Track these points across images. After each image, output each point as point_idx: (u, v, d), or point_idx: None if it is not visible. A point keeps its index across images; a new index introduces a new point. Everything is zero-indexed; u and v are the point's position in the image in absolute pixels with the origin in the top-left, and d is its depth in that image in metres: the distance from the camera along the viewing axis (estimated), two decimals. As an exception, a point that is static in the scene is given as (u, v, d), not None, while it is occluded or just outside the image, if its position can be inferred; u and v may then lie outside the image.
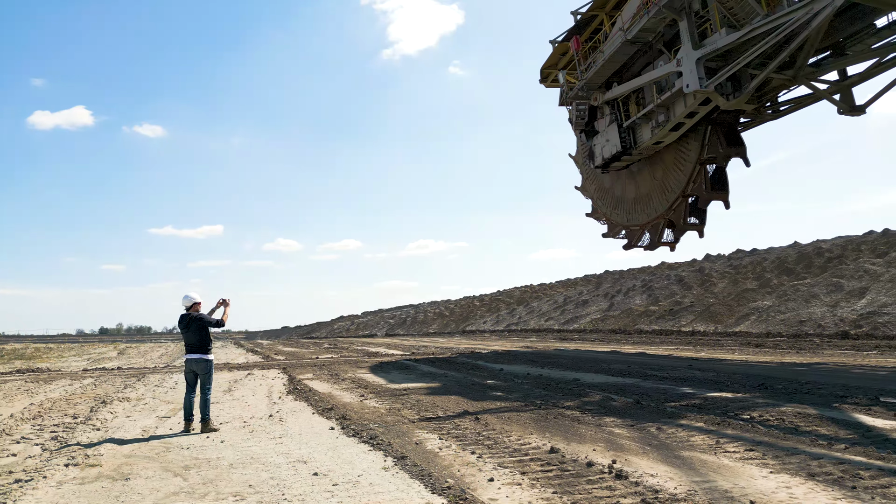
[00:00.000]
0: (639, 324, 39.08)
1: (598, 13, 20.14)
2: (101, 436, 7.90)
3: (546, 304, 50.59)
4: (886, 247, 38.89)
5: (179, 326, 8.56)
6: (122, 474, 5.90)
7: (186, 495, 5.16)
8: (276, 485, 5.39)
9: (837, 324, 29.83)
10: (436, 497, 4.88)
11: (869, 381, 11.14)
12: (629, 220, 24.21)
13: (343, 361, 19.72)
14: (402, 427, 7.97)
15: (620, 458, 5.91)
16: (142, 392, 12.61)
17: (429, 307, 75.14)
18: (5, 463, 6.49)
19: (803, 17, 15.04)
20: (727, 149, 18.84)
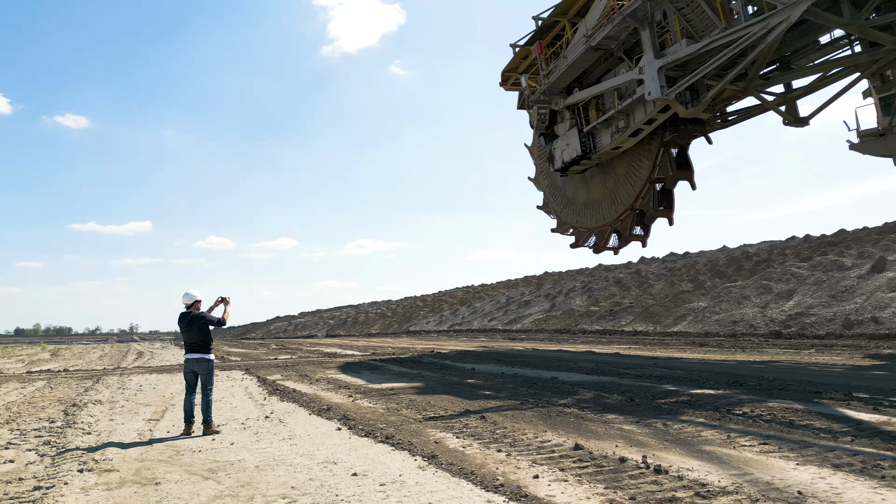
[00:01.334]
0: (581, 324, 40.02)
1: (561, 19, 20.55)
2: (96, 439, 7.50)
3: (489, 305, 51.14)
4: (809, 251, 41.25)
5: (180, 325, 8.24)
6: (148, 479, 5.63)
7: (231, 498, 4.98)
8: (320, 486, 5.27)
9: (768, 324, 31.38)
10: (493, 495, 4.90)
11: (830, 377, 11.82)
12: (577, 222, 24.89)
13: (305, 362, 19.35)
14: (410, 427, 7.92)
15: (649, 454, 6.08)
16: (108, 395, 12.01)
17: (369, 307, 74.54)
18: (6, 470, 6.08)
19: (760, 31, 15.80)
20: (677, 172, 19.77)
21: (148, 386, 13.32)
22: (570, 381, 12.39)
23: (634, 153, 20.58)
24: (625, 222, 22.77)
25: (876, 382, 10.75)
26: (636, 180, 20.83)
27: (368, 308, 74.29)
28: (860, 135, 19.64)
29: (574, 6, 20.12)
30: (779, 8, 15.48)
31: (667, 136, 19.25)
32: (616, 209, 22.41)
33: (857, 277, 32.53)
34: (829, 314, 29.52)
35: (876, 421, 7.48)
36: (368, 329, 57.76)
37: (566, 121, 21.21)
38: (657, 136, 19.61)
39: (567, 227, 25.67)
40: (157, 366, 19.55)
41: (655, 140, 19.65)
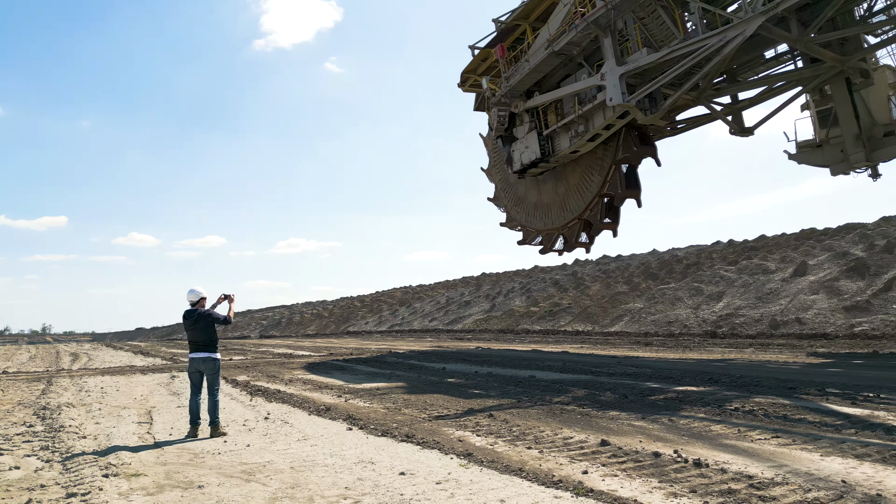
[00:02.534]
0: (522, 324, 40.64)
1: (522, 23, 20.82)
2: (97, 444, 7.05)
3: (429, 305, 51.18)
4: (734, 255, 43.41)
5: (185, 323, 7.86)
6: (185, 482, 5.34)
7: (290, 500, 4.79)
8: (375, 485, 5.14)
9: (701, 324, 32.80)
10: (557, 490, 4.92)
11: (793, 374, 12.48)
12: (526, 221, 25.41)
13: (264, 363, 18.82)
14: (423, 426, 7.84)
15: (677, 449, 6.25)
16: (72, 398, 11.30)
17: (304, 308, 73.08)
18: (17, 476, 5.63)
19: (717, 43, 16.51)
20: (625, 190, 20.50)
21: (110, 388, 12.60)
22: (550, 379, 12.57)
23: (587, 166, 21.27)
24: (572, 229, 23.53)
25: (838, 379, 11.42)
26: (586, 192, 21.59)
27: (303, 308, 72.89)
28: (798, 146, 20.83)
29: (535, 11, 20.43)
30: (735, 22, 16.22)
31: (619, 155, 19.98)
32: (565, 216, 23.15)
33: (781, 280, 34.44)
34: (757, 315, 31.12)
35: (862, 414, 7.95)
36: (304, 330, 56.68)
37: (525, 123, 21.52)
38: (609, 154, 20.32)
39: (516, 223, 26.16)
40: (104, 367, 18.53)
41: (608, 157, 20.37)
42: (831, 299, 29.85)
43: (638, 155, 19.97)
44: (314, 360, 19.45)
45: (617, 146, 20.07)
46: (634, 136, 19.89)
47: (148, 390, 12.18)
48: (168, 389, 12.35)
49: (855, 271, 31.84)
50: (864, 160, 18.78)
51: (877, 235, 37.13)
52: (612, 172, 20.51)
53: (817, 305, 29.73)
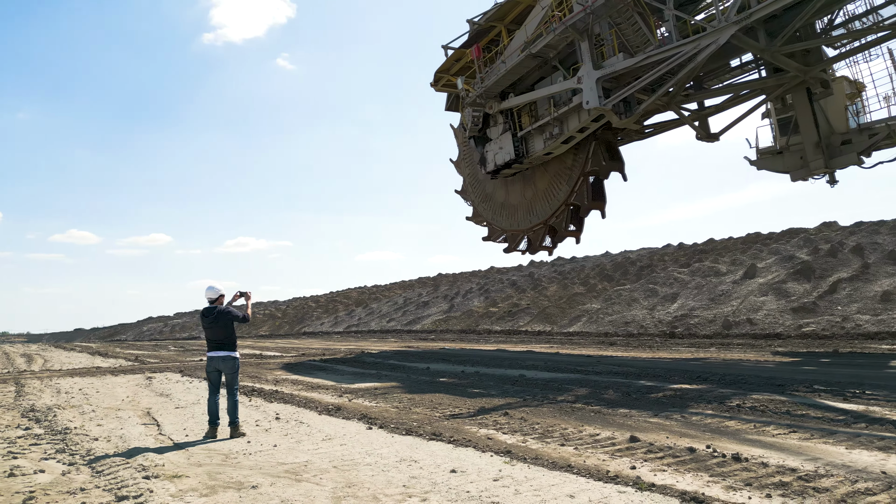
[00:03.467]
0: (481, 324, 40.86)
1: (497, 25, 20.94)
2: (115, 446, 6.75)
3: (386, 306, 50.90)
4: (686, 258, 44.71)
5: (204, 320, 7.60)
6: (233, 483, 5.15)
7: (354, 499, 4.67)
8: (433, 483, 5.08)
9: (657, 325, 33.62)
10: (616, 486, 4.97)
11: (774, 372, 12.91)
12: (493, 219, 25.70)
13: (233, 363, 18.30)
14: (443, 424, 7.79)
15: (712, 444, 6.38)
16: (55, 400, 10.75)
17: (255, 308, 71.40)
18: (46, 481, 5.32)
19: (691, 50, 16.99)
20: (591, 202, 21.06)
21: (89, 390, 12.06)
22: (542, 378, 12.65)
23: (556, 174, 21.74)
24: (537, 233, 23.98)
25: (818, 376, 11.87)
26: (553, 200, 22.08)
27: (254, 308, 71.27)
28: (760, 152, 21.63)
29: (511, 13, 20.58)
30: (708, 31, 16.72)
31: (588, 167, 20.44)
32: (531, 220, 23.60)
33: (732, 282, 35.62)
34: (710, 316, 32.10)
35: (859, 409, 8.29)
36: (257, 330, 55.52)
37: (499, 124, 21.65)
38: (579, 165, 20.79)
39: (482, 219, 26.42)
40: (69, 369, 17.71)
41: (577, 167, 20.84)
42: (780, 301, 31.00)
43: (606, 169, 20.54)
44: (289, 361, 19.09)
45: (586, 158, 20.55)
46: (603, 150, 20.43)
47: (130, 392, 11.70)
48: (152, 391, 11.90)
49: (801, 274, 33.17)
50: (823, 167, 19.62)
51: (820, 240, 38.83)
52: (580, 183, 21.03)
53: (767, 306, 30.83)
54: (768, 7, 15.84)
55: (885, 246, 33.99)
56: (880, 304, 26.97)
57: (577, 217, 22.34)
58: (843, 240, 36.98)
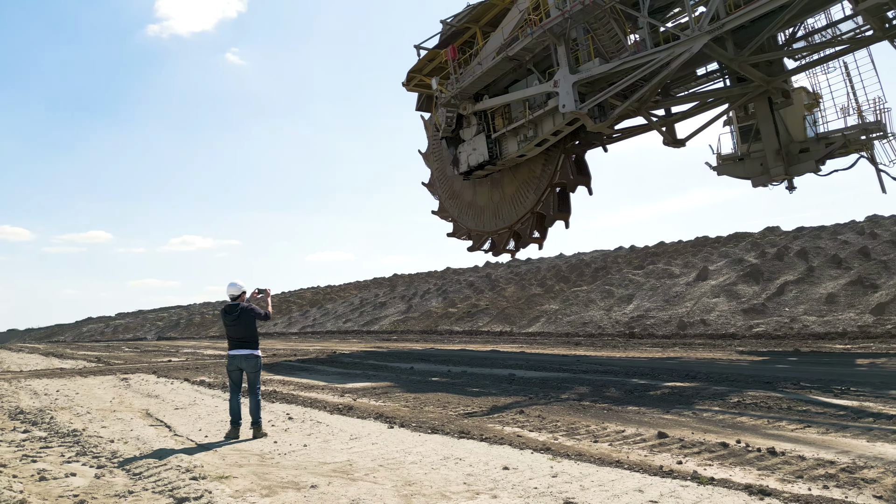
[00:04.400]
0: (441, 324, 40.90)
1: (472, 26, 21.03)
2: (137, 448, 6.48)
3: (341, 307, 50.34)
4: (639, 260, 45.83)
5: (226, 318, 7.37)
6: (289, 483, 5.02)
7: (422, 497, 4.63)
8: (494, 480, 5.07)
9: (614, 325, 34.33)
10: (675, 480, 5.07)
11: (754, 371, 13.36)
12: (458, 217, 25.92)
13: (211, 364, 17.79)
14: (463, 423, 7.78)
15: (741, 439, 6.56)
16: (32, 402, 10.20)
17: (203, 308, 69.52)
18: (85, 485, 5.07)
19: (665, 58, 17.48)
20: (556, 212, 21.62)
21: (67, 391, 11.52)
22: (535, 377, 12.72)
23: (525, 182, 22.19)
24: (502, 236, 24.37)
25: (798, 374, 12.33)
26: (520, 207, 22.55)
27: (202, 309, 69.36)
28: (721, 158, 22.40)
29: (486, 15, 20.71)
30: (682, 39, 17.22)
31: (556, 179, 20.86)
32: (496, 223, 23.97)
33: (686, 284, 36.68)
34: (666, 317, 32.97)
35: (855, 405, 8.67)
36: (206, 331, 54.02)
37: (473, 126, 21.74)
38: (547, 176, 21.22)
39: (448, 215, 26.59)
40: (32, 370, 16.82)
41: (545, 178, 21.28)
42: (731, 302, 32.06)
43: (574, 183, 21.08)
44: (264, 362, 18.64)
45: (555, 170, 21.04)
46: (572, 164, 20.92)
47: (113, 394, 11.23)
48: (136, 392, 11.45)
49: (750, 277, 34.41)
50: (783, 174, 20.48)
51: (766, 244, 40.44)
52: (547, 193, 21.53)
53: (719, 308, 31.85)
54: (740, 18, 16.42)
55: (827, 250, 35.58)
56: (825, 306, 28.16)
57: (542, 225, 22.88)
58: (787, 244, 38.62)
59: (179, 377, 14.04)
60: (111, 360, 20.92)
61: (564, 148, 20.80)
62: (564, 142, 20.66)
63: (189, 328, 57.41)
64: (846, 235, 38.50)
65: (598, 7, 17.56)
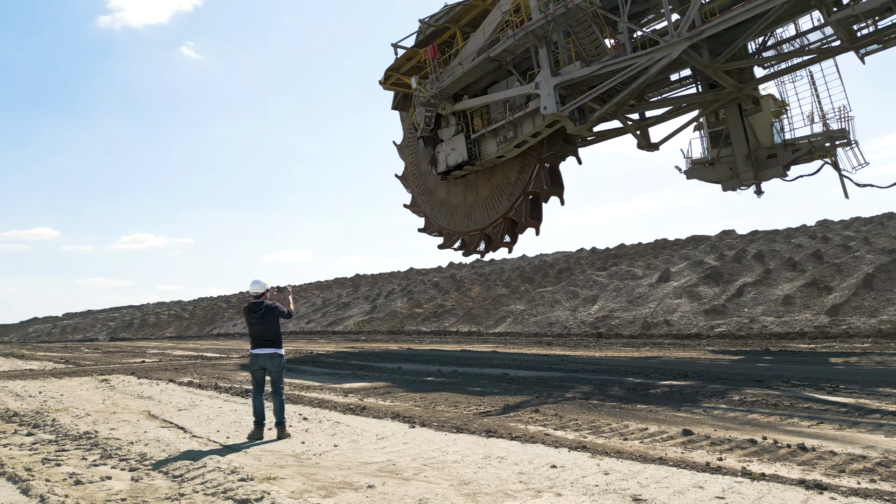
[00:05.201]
0: (406, 325, 40.77)
1: (452, 26, 21.01)
2: (164, 450, 6.22)
3: (303, 307, 49.61)
4: (601, 262, 46.59)
5: (251, 316, 7.16)
6: (345, 483, 4.90)
7: (487, 497, 4.58)
8: (549, 479, 5.06)
9: (580, 325, 34.80)
10: (731, 477, 5.14)
11: (741, 370, 13.72)
12: (431, 214, 25.96)
13: (190, 366, 17.25)
14: (482, 421, 7.75)
15: (767, 436, 6.70)
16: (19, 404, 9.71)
17: (158, 308, 67.47)
18: (127, 489, 4.84)
19: (645, 63, 17.81)
20: (528, 220, 22.07)
21: (51, 393, 11.01)
22: (530, 377, 12.75)
23: (499, 187, 22.47)
24: (473, 237, 24.54)
25: (785, 373, 12.69)
26: (493, 211, 22.83)
27: (157, 309, 67.34)
28: (692, 163, 22.95)
29: (467, 16, 20.72)
30: (661, 45, 17.58)
31: (530, 187, 21.12)
32: (468, 224, 24.14)
33: (649, 286, 37.42)
34: (630, 317, 33.57)
35: (854, 402, 8.94)
36: (162, 332, 52.52)
37: (452, 126, 21.73)
38: (521, 183, 21.51)
39: (420, 211, 26.61)
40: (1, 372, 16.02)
41: (520, 186, 21.56)
42: (693, 303, 32.83)
43: (547, 193, 21.40)
44: (239, 362, 18.22)
45: (530, 179, 21.29)
46: (547, 174, 21.23)
47: (101, 395, 10.79)
48: (125, 394, 11.03)
49: (711, 278, 35.31)
50: (752, 178, 21.11)
51: (724, 247, 41.58)
52: (521, 201, 21.81)
53: (682, 309, 32.59)
54: (719, 25, 16.83)
55: (782, 253, 36.81)
56: (782, 307, 29.09)
57: (514, 231, 23.21)
58: (744, 247, 39.84)
59: (162, 378, 13.59)
60: (82, 362, 20.11)
61: (540, 158, 21.07)
62: (540, 151, 20.94)
63: (143, 329, 55.70)
64: (799, 239, 39.90)
65: (580, 11, 17.76)
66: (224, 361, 18.79)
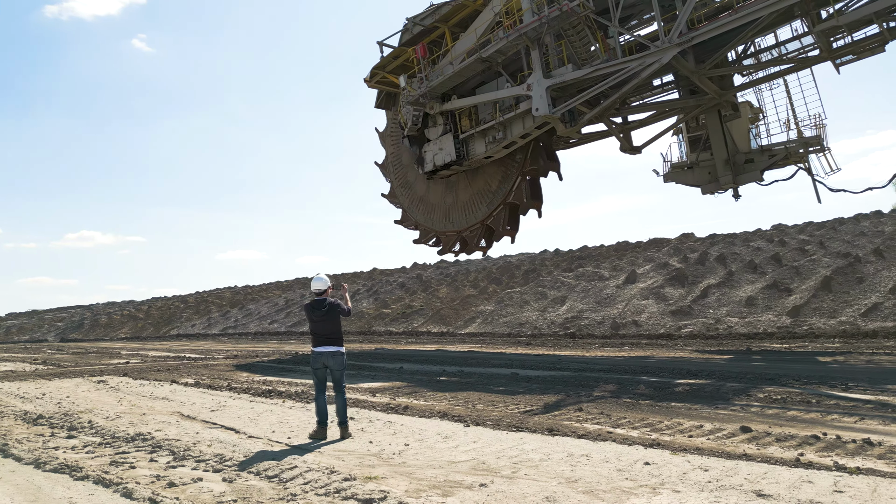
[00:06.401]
0: (375, 325, 40.46)
1: (441, 26, 20.93)
2: (233, 451, 5.90)
3: (265, 307, 48.60)
4: (566, 263, 47.19)
5: (314, 314, 6.93)
6: (453, 482, 4.77)
7: (611, 493, 4.52)
8: (654, 475, 5.06)
9: (549, 326, 35.15)
10: (830, 472, 5.22)
11: (741, 368, 14.06)
12: (408, 208, 25.91)
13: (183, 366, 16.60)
14: (535, 420, 7.70)
15: (826, 432, 6.85)
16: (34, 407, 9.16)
17: (109, 308, 64.87)
18: (226, 490, 4.60)
19: (636, 67, 18.12)
20: (505, 229, 22.44)
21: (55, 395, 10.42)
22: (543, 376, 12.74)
23: (480, 193, 22.67)
24: (449, 238, 24.61)
25: (784, 371, 13.09)
26: (471, 215, 23.04)
27: (108, 308, 64.78)
28: (672, 166, 23.49)
29: (457, 16, 20.67)
30: (653, 50, 17.91)
31: (510, 198, 21.48)
32: (446, 225, 24.23)
33: (616, 287, 38.07)
34: (599, 318, 34.10)
35: (872, 398, 9.26)
36: (115, 332, 50.59)
37: (439, 125, 21.64)
38: (502, 193, 21.77)
39: (398, 203, 26.52)
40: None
41: (500, 195, 21.81)
42: (659, 304, 33.54)
43: (527, 205, 21.73)
44: (231, 363, 17.68)
45: (511, 189, 21.53)
46: (527, 186, 21.52)
47: (110, 397, 10.30)
48: (133, 394, 10.54)
49: (676, 280, 36.16)
50: (731, 182, 21.74)
51: (686, 249, 42.66)
52: (500, 210, 22.02)
53: (649, 309, 33.27)
54: (710, 32, 17.25)
55: (742, 256, 37.97)
56: (745, 308, 29.98)
57: (490, 237, 23.45)
58: (706, 250, 40.96)
59: (160, 379, 13.06)
60: (63, 363, 19.16)
61: (523, 171, 21.35)
62: (524, 165, 21.21)
63: (95, 329, 53.55)
64: (757, 242, 41.23)
65: (574, 14, 17.93)
66: (214, 363, 18.21)
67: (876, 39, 17.86)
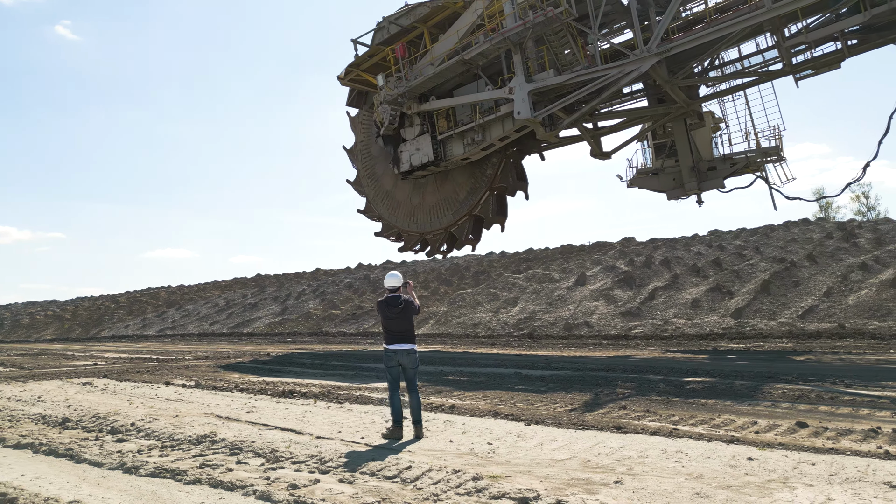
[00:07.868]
0: (324, 326, 39.80)
1: (420, 26, 20.82)
2: (321, 453, 5.65)
3: (204, 307, 46.83)
4: (514, 265, 47.82)
5: (389, 311, 6.78)
6: (583, 480, 4.72)
7: (749, 489, 4.61)
8: (767, 469, 5.18)
9: (503, 326, 35.54)
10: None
11: (733, 367, 14.58)
12: (373, 201, 25.85)
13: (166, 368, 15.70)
14: (570, 417, 7.78)
15: (880, 427, 7.21)
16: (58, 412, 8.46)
17: (31, 308, 60.71)
18: (354, 492, 4.36)
19: (617, 74, 18.61)
20: (468, 238, 23.11)
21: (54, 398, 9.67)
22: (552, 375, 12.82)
23: (446, 200, 22.89)
24: (411, 237, 24.63)
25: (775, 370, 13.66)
26: (436, 220, 23.33)
27: (30, 308, 60.68)
28: (637, 172, 24.22)
29: (436, 17, 20.61)
30: (632, 58, 18.44)
31: (477, 210, 21.84)
32: (409, 224, 24.32)
33: (566, 289, 38.87)
34: (552, 319, 34.74)
35: (882, 395, 9.80)
36: (39, 334, 47.44)
37: (416, 126, 21.51)
38: (469, 204, 22.08)
39: (363, 192, 26.32)
40: None
41: (467, 205, 22.17)
42: (609, 306, 34.47)
43: (492, 220, 22.21)
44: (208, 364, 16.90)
45: (478, 202, 21.83)
46: (495, 201, 21.88)
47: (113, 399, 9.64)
48: (138, 396, 9.93)
49: (624, 282, 37.25)
50: (696, 189, 22.62)
51: (630, 253, 44.02)
52: (465, 220, 22.32)
53: (599, 311, 34.14)
54: (688, 43, 17.91)
55: (685, 260, 39.51)
56: (691, 310, 31.21)
57: (451, 243, 23.70)
58: (650, 253, 42.40)
59: (149, 381, 12.33)
60: (21, 364, 17.78)
61: (491, 186, 21.70)
62: (493, 180, 21.57)
63: (16, 330, 50.13)
64: (697, 247, 42.98)
65: (558, 20, 18.22)
66: (193, 363, 17.39)
67: (834, 56, 19.03)
